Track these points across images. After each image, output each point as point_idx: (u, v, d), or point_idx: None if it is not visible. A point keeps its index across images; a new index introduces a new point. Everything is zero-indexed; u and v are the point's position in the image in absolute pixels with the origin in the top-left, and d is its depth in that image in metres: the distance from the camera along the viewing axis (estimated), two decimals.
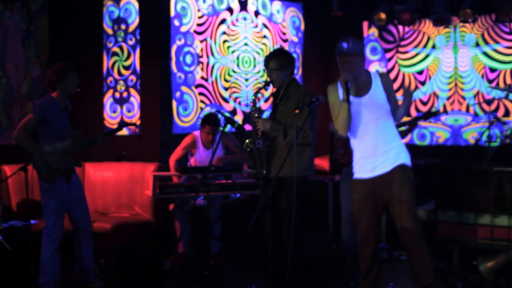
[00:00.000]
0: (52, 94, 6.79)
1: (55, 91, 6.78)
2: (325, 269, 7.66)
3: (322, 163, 10.01)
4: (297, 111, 5.85)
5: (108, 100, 9.46)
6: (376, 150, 5.76)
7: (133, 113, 9.29)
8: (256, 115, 6.46)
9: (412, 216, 5.70)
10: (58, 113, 6.76)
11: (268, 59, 6.45)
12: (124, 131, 9.12)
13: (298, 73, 11.49)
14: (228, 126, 7.04)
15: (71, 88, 6.82)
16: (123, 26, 9.35)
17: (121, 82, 9.38)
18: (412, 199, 5.73)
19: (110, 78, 9.43)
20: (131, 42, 9.29)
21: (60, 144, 6.70)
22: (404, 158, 5.81)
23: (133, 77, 9.30)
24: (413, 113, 10.88)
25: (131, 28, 9.30)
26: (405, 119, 7.44)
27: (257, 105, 6.60)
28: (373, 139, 5.77)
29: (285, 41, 11.14)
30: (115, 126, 9.12)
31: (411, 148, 6.64)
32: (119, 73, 9.40)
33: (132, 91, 9.30)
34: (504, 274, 7.26)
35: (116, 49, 9.41)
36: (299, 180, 6.01)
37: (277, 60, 6.38)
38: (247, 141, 6.43)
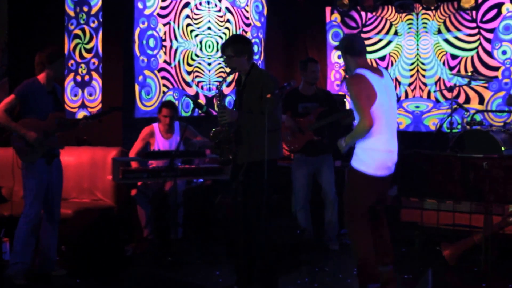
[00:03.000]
0: (38, 76, 6.84)
1: (42, 73, 6.83)
2: (291, 255, 7.65)
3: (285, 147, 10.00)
4: (269, 95, 5.89)
5: (69, 83, 9.31)
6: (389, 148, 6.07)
7: (95, 96, 9.17)
8: (221, 107, 6.37)
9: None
10: (41, 95, 6.79)
11: (224, 47, 6.40)
12: (84, 114, 9.03)
13: (260, 58, 11.45)
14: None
15: (58, 72, 6.98)
16: (85, 8, 9.20)
17: (83, 65, 9.24)
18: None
19: (72, 61, 9.28)
20: (93, 25, 9.16)
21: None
22: (353, 160, 6.01)
23: (95, 60, 9.17)
24: None
25: (93, 10, 9.16)
26: None
27: (221, 95, 6.54)
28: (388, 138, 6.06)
29: (248, 25, 11.08)
30: (75, 110, 9.05)
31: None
32: (81, 56, 9.25)
33: (94, 74, 9.17)
34: (466, 259, 7.32)
35: (78, 31, 9.25)
36: (268, 164, 6.01)
37: (233, 47, 6.32)
38: (213, 130, 6.37)
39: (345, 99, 10.39)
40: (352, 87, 5.85)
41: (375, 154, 5.89)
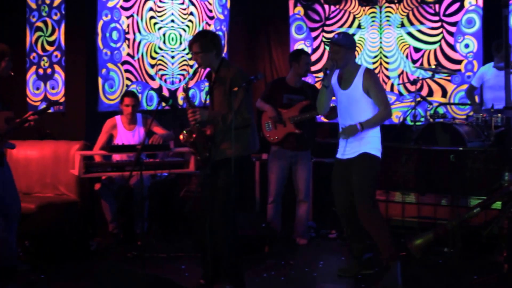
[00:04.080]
0: None
1: None
2: (255, 249, 7.65)
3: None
4: (235, 88, 5.87)
5: (31, 76, 9.19)
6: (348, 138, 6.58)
7: (57, 90, 9.06)
8: (191, 106, 6.30)
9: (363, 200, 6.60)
10: None
11: (191, 43, 6.31)
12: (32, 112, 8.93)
13: (223, 51, 11.39)
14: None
15: (4, 72, 6.70)
16: (47, 0, 9.06)
17: (45, 58, 9.12)
18: (368, 185, 6.59)
19: (34, 54, 9.16)
20: (55, 17, 9.04)
21: None
22: (369, 148, 6.55)
23: (57, 53, 9.05)
24: None
25: (56, 3, 9.03)
26: None
27: (190, 96, 6.50)
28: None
29: (211, 18, 11.03)
30: (38, 104, 8.95)
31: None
32: (43, 49, 9.13)
33: (57, 67, 9.06)
34: (431, 251, 7.36)
35: (40, 24, 9.12)
36: (239, 160, 5.99)
37: (200, 43, 6.23)
38: (184, 132, 6.30)
39: None
40: (377, 79, 6.68)
41: (380, 141, 6.65)
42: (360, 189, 6.52)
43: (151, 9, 9.88)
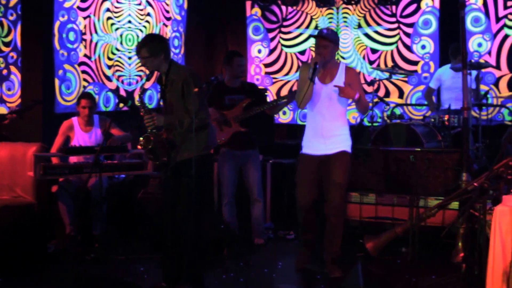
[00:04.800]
0: None
1: None
2: (215, 250, 7.63)
3: None
4: (196, 89, 5.86)
5: None
6: (324, 133, 6.67)
7: (14, 91, 8.96)
8: (147, 112, 6.25)
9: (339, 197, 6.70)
10: None
11: (139, 48, 6.25)
12: (3, 110, 8.83)
13: (181, 52, 11.37)
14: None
15: None
16: (3, 1, 8.95)
17: (1, 59, 9.00)
18: (346, 181, 6.74)
19: None
20: (11, 18, 8.93)
21: None
22: (347, 146, 6.77)
23: (13, 54, 8.95)
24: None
25: (12, 3, 8.92)
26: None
27: (144, 101, 6.45)
28: (322, 123, 6.68)
29: (168, 19, 10.99)
30: None
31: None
32: None
33: (13, 68, 8.96)
34: (389, 251, 7.40)
35: None
36: (200, 160, 5.99)
37: (148, 47, 6.17)
38: (141, 139, 6.24)
39: (266, 94, 10.39)
40: (358, 75, 7.08)
41: None
42: (339, 184, 6.63)
43: (108, 9, 9.82)
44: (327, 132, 6.70)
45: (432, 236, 7.40)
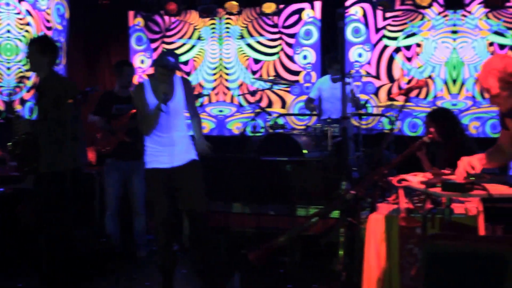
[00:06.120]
0: None
1: None
2: (96, 264, 7.48)
3: (89, 154, 9.77)
4: (71, 100, 5.75)
5: None
6: (170, 147, 6.36)
7: None
8: (16, 117, 6.11)
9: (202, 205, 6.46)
10: None
11: (32, 41, 6.23)
12: None
13: (62, 63, 11.14)
14: None
15: None
16: None
17: None
18: (204, 189, 6.51)
19: None
20: None
21: None
22: (195, 154, 6.51)
23: None
24: None
25: None
26: None
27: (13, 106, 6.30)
28: (169, 138, 6.36)
29: (49, 29, 10.75)
30: None
31: None
32: None
33: None
34: (272, 261, 7.41)
35: None
36: (66, 173, 5.86)
37: (39, 44, 6.15)
38: (9, 144, 6.09)
39: None
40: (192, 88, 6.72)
41: None
42: (200, 194, 6.43)
43: None
44: (175, 145, 6.41)
45: (314, 244, 7.43)
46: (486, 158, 4.63)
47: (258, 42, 11.05)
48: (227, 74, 11.24)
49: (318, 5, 10.81)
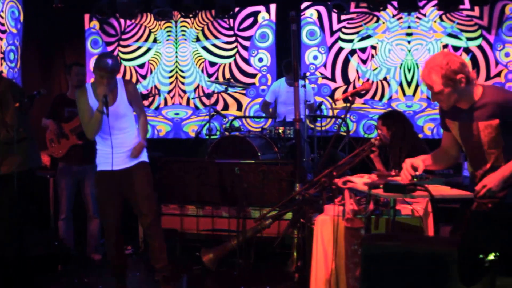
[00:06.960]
0: None
1: None
2: (49, 267, 7.44)
3: (43, 158, 9.71)
4: (17, 104, 5.72)
5: None
6: (118, 149, 6.28)
7: None
8: None
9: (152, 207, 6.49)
10: None
11: None
12: None
13: (17, 66, 11.06)
14: None
15: None
16: None
17: None
18: (152, 191, 6.54)
19: None
20: None
21: None
22: (145, 156, 6.50)
23: None
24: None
25: None
26: None
27: None
28: (116, 140, 6.29)
29: (3, 32, 10.66)
30: None
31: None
32: None
33: None
34: (225, 263, 7.42)
35: None
36: (19, 175, 5.83)
37: None
38: None
39: None
40: (137, 88, 6.63)
41: None
42: (148, 196, 6.41)
43: None
44: (122, 148, 6.35)
45: (268, 246, 7.46)
46: (432, 159, 4.69)
47: (214, 45, 11.06)
48: (183, 77, 11.23)
49: (273, 8, 10.85)
